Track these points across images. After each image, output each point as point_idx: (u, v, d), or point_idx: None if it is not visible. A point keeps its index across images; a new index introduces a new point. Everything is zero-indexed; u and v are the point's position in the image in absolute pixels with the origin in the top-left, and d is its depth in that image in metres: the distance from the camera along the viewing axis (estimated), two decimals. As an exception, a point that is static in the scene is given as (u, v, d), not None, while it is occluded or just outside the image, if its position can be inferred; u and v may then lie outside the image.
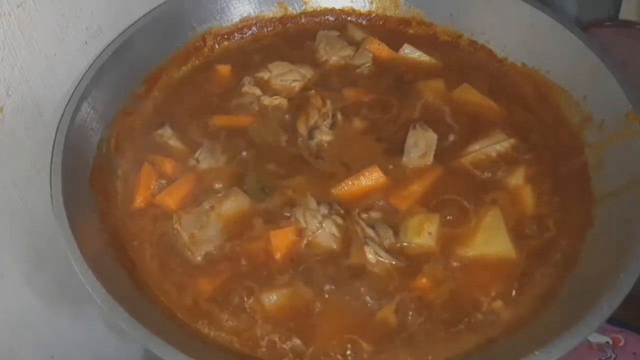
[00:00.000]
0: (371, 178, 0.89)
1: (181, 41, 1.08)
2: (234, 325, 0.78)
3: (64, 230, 0.77)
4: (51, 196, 0.81)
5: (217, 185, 0.91)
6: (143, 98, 1.02)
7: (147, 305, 0.78)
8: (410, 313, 0.78)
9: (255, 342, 0.77)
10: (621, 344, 1.04)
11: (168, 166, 0.93)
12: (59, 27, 0.87)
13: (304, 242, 0.84)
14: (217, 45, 1.12)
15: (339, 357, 0.76)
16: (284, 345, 0.77)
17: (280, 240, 0.84)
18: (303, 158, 0.94)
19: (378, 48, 1.08)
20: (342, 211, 0.86)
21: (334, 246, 0.83)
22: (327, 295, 0.80)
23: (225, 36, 1.12)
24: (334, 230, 0.84)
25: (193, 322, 0.79)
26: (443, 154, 0.92)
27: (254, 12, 1.14)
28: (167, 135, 0.97)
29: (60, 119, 0.88)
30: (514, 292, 0.79)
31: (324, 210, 0.85)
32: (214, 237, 0.85)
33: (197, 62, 1.10)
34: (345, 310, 0.79)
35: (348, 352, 0.76)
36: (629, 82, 0.89)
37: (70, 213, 0.79)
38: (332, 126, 0.97)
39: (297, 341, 0.77)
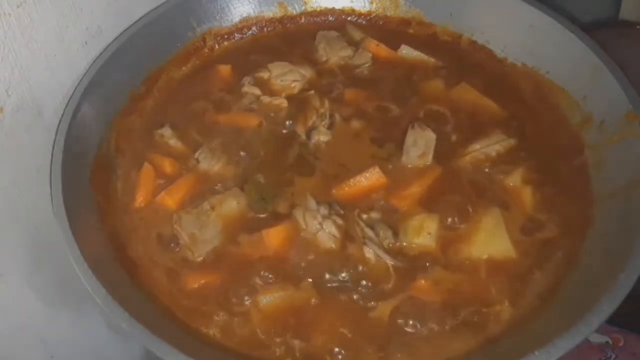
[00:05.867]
0: (371, 178, 0.89)
1: (181, 41, 1.08)
2: (232, 325, 0.78)
3: (64, 230, 0.77)
4: (51, 196, 0.81)
5: (217, 186, 0.91)
6: (143, 98, 1.02)
7: (147, 305, 0.79)
8: (410, 313, 0.78)
9: (253, 341, 0.77)
10: (621, 344, 1.04)
11: (168, 166, 0.93)
12: (59, 27, 0.87)
13: (303, 242, 0.84)
14: (217, 46, 1.12)
15: (338, 357, 0.75)
16: (282, 345, 0.76)
17: (275, 239, 0.84)
18: (302, 158, 0.94)
19: (377, 48, 1.09)
20: (341, 211, 0.86)
21: (334, 246, 0.83)
22: (325, 296, 0.80)
23: (225, 36, 1.12)
24: (334, 230, 0.84)
25: (193, 322, 0.79)
26: (443, 154, 0.92)
27: (254, 12, 1.14)
28: (167, 135, 0.97)
29: (61, 119, 0.88)
30: (514, 292, 0.80)
31: (323, 210, 0.85)
32: (213, 237, 0.85)
33: (197, 62, 1.10)
34: (343, 310, 0.79)
35: (347, 353, 0.76)
36: (629, 83, 0.89)
37: (70, 213, 0.79)
38: (330, 126, 0.97)
39: (294, 341, 0.77)
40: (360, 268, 0.82)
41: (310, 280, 0.81)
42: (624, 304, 0.69)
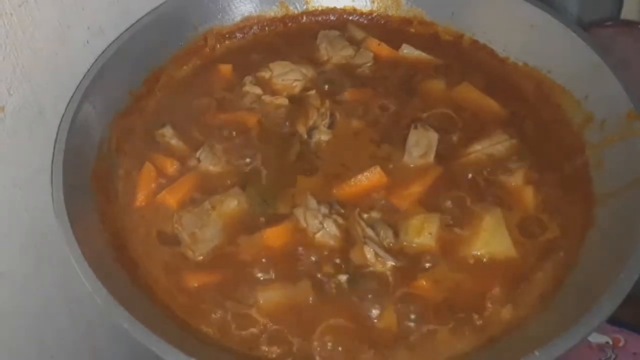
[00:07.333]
0: (372, 178, 0.89)
1: (182, 41, 1.08)
2: (232, 324, 0.78)
3: (64, 230, 0.77)
4: (52, 196, 0.81)
5: (218, 185, 0.91)
6: (144, 98, 1.02)
7: (147, 305, 0.79)
8: (410, 313, 0.78)
9: (253, 341, 0.77)
10: (621, 344, 1.04)
11: (169, 166, 0.93)
12: (60, 27, 0.87)
13: (303, 241, 0.84)
14: (218, 45, 1.12)
15: (337, 356, 0.75)
16: (282, 344, 0.76)
17: (275, 239, 0.84)
18: (303, 158, 0.94)
19: (378, 48, 1.08)
20: (342, 211, 0.86)
21: (334, 246, 0.83)
22: (325, 295, 0.80)
23: (227, 36, 1.12)
24: (334, 229, 0.84)
25: (193, 321, 0.79)
26: (444, 154, 0.92)
27: (255, 11, 1.14)
28: (168, 134, 0.97)
29: (62, 119, 0.88)
30: (514, 292, 0.79)
31: (324, 210, 0.85)
32: (214, 236, 0.85)
33: (198, 61, 1.10)
34: (343, 309, 0.79)
35: (346, 351, 0.76)
36: (631, 82, 0.88)
37: (70, 213, 0.79)
38: (331, 126, 0.97)
39: (294, 341, 0.77)
40: (361, 267, 0.82)
41: (310, 279, 0.81)
42: (624, 304, 0.69)
